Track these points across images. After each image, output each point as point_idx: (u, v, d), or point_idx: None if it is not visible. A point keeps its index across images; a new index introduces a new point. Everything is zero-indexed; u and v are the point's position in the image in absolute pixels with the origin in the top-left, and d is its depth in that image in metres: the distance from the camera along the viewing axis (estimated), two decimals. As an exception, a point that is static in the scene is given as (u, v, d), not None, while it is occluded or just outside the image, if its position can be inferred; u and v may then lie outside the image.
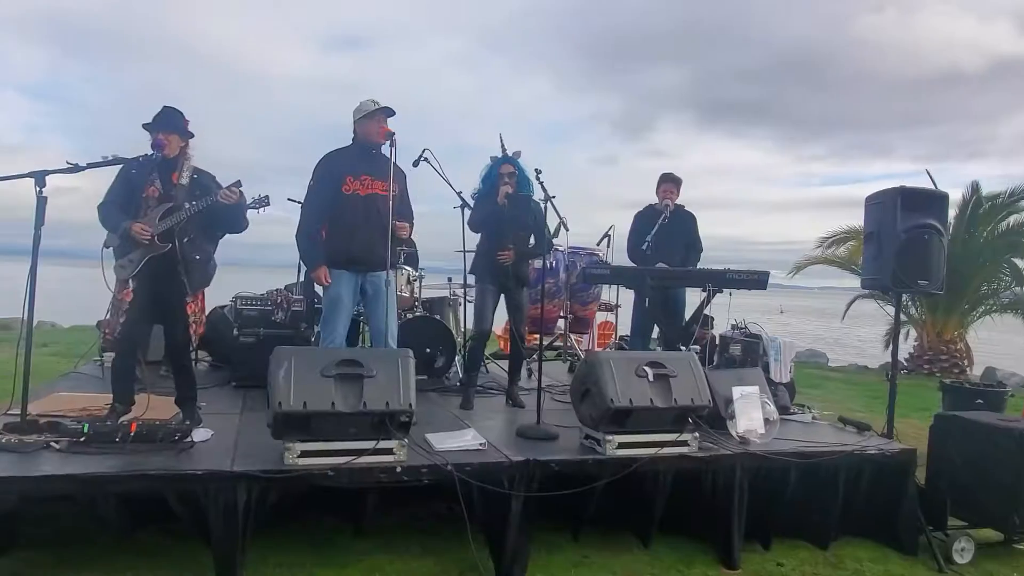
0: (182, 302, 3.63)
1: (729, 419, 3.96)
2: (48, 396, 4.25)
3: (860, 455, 3.84)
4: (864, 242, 4.43)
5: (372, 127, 4.08)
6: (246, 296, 5.18)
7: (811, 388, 9.20)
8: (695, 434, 3.61)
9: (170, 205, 3.55)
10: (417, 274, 5.57)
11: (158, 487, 2.86)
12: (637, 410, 3.46)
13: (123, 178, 3.58)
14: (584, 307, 6.75)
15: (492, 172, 4.69)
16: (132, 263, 3.54)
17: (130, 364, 3.71)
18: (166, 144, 3.55)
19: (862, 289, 4.52)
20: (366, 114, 4.09)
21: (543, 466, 3.31)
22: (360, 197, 3.99)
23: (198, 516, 2.89)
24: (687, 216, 5.65)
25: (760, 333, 5.81)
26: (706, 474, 3.58)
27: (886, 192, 4.24)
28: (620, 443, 3.47)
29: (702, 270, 5.06)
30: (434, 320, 5.40)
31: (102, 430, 3.22)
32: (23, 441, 3.13)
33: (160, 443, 3.20)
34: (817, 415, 4.72)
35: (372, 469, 3.09)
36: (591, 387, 3.55)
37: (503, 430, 4.01)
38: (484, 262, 4.76)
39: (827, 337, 22.90)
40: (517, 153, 4.72)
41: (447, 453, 3.35)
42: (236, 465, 3.01)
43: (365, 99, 4.18)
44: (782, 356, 5.65)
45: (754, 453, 3.66)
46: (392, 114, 4.10)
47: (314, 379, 3.05)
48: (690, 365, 3.67)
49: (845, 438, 4.15)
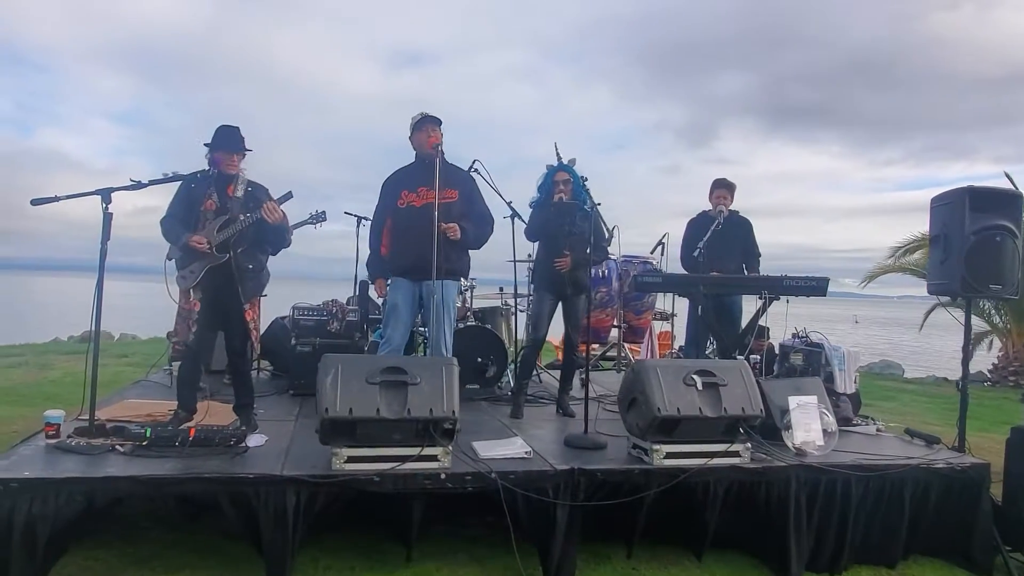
0: (239, 310, 3.77)
1: (785, 430, 3.83)
2: (119, 403, 4.48)
3: (927, 469, 3.65)
4: (930, 246, 4.22)
5: (422, 138, 4.18)
6: (303, 307, 5.33)
7: (884, 400, 8.80)
8: (747, 445, 3.51)
9: (226, 217, 3.70)
10: (469, 283, 5.61)
11: (212, 489, 2.96)
12: (685, 419, 3.39)
13: (183, 193, 3.76)
14: (638, 316, 6.65)
15: (547, 180, 4.70)
16: (193, 274, 3.70)
17: (195, 372, 3.87)
18: (222, 161, 3.70)
19: (928, 295, 4.29)
20: (414, 126, 4.18)
21: (588, 475, 3.27)
22: (415, 208, 4.07)
23: (250, 518, 2.97)
24: (742, 222, 5.52)
25: (822, 342, 5.61)
26: (759, 486, 3.47)
27: (953, 192, 4.05)
28: (668, 453, 3.40)
29: (757, 276, 4.93)
30: (486, 330, 5.43)
31: (163, 434, 3.37)
32: (90, 444, 3.30)
33: (216, 447, 3.33)
34: (883, 427, 4.51)
35: (417, 475, 3.12)
36: (638, 396, 3.49)
37: (552, 439, 3.99)
38: (542, 270, 4.77)
39: (904, 348, 21.90)
40: (572, 161, 4.72)
41: (492, 461, 3.35)
42: (286, 469, 3.09)
43: (415, 113, 4.27)
44: (846, 366, 5.42)
45: (810, 465, 3.53)
46: (439, 122, 4.16)
47: (360, 386, 3.10)
48: (741, 374, 3.58)
49: (912, 451, 3.95)
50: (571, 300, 4.64)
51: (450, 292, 4.06)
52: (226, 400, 4.20)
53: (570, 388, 4.89)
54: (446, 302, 4.03)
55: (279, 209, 3.69)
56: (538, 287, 4.83)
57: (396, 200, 4.15)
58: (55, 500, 2.80)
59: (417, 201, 4.05)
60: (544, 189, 4.70)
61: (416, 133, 4.23)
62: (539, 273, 4.81)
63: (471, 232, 4.14)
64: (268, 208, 3.65)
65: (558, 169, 4.68)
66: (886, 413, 7.60)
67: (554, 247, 4.63)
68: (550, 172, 4.70)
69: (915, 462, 3.67)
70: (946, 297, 4.17)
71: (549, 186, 4.64)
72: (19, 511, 2.75)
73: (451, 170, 4.14)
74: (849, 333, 33.67)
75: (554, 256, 4.55)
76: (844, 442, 4.05)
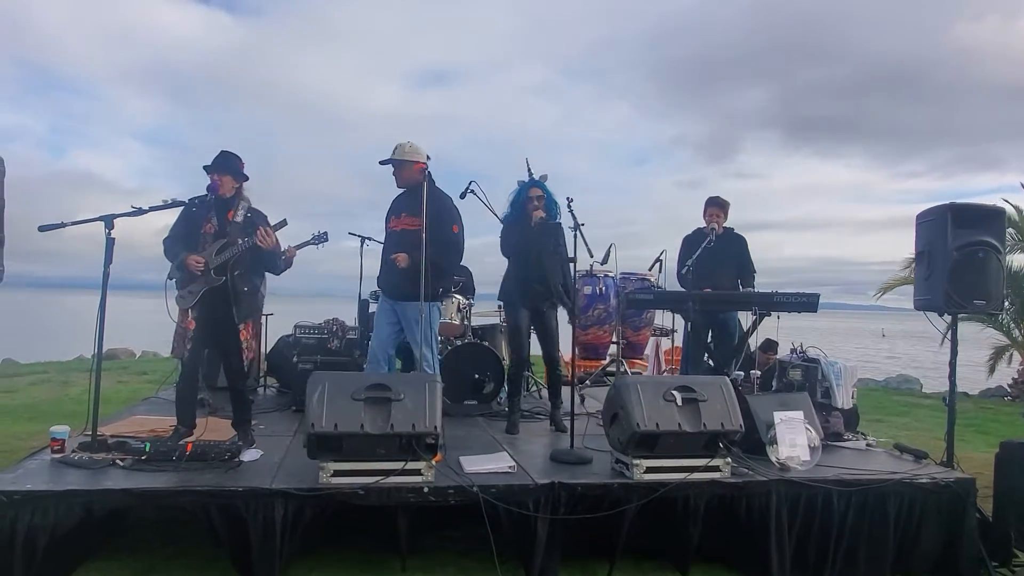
0: (235, 330, 3.92)
1: (769, 445, 3.88)
2: (128, 419, 4.66)
3: (910, 484, 3.67)
4: (916, 262, 4.26)
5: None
6: (305, 325, 5.49)
7: (897, 415, 8.72)
8: (727, 459, 3.56)
9: (224, 241, 3.86)
10: (467, 302, 5.73)
11: (203, 502, 3.09)
12: (664, 434, 3.46)
13: (184, 215, 3.93)
14: (636, 332, 6.71)
15: (520, 196, 4.76)
16: (192, 294, 3.86)
17: (191, 388, 4.02)
18: (220, 185, 3.87)
19: (915, 310, 4.31)
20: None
21: (568, 489, 3.35)
22: (395, 233, 4.23)
23: (240, 531, 3.09)
24: (736, 239, 5.57)
25: (818, 357, 5.63)
26: (740, 501, 3.52)
27: (936, 209, 4.08)
28: (648, 467, 3.47)
29: (747, 293, 4.98)
30: (482, 346, 5.53)
31: (161, 449, 3.52)
32: (92, 458, 3.46)
33: (211, 462, 3.47)
34: (873, 442, 4.53)
35: (401, 489, 3.23)
36: (619, 411, 3.57)
37: (540, 454, 4.06)
38: (513, 287, 4.82)
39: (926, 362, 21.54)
40: (544, 177, 4.79)
41: (475, 475, 3.44)
42: (276, 483, 3.22)
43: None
44: (843, 380, 5.44)
45: (791, 480, 3.57)
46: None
47: (345, 402, 3.23)
48: (721, 389, 3.64)
49: (899, 466, 3.97)
50: (545, 315, 4.72)
51: (409, 311, 4.27)
52: (229, 416, 4.34)
53: (560, 403, 4.93)
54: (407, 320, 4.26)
55: (272, 235, 3.85)
56: (510, 304, 4.87)
57: (388, 224, 4.34)
58: (54, 512, 2.95)
59: (396, 226, 4.25)
60: (517, 205, 4.76)
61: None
62: (510, 290, 4.85)
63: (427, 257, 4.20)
64: (261, 233, 3.81)
65: (531, 185, 4.74)
66: (896, 428, 7.53)
67: (527, 264, 4.67)
68: (523, 187, 4.76)
69: (898, 477, 3.69)
70: (930, 311, 4.18)
71: (522, 202, 4.71)
72: (21, 522, 2.90)
73: (431, 198, 4.26)
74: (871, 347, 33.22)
75: (527, 273, 4.59)
76: (832, 457, 4.08)
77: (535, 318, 4.75)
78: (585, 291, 6.51)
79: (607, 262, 6.04)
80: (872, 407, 9.27)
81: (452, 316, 5.65)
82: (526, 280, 4.69)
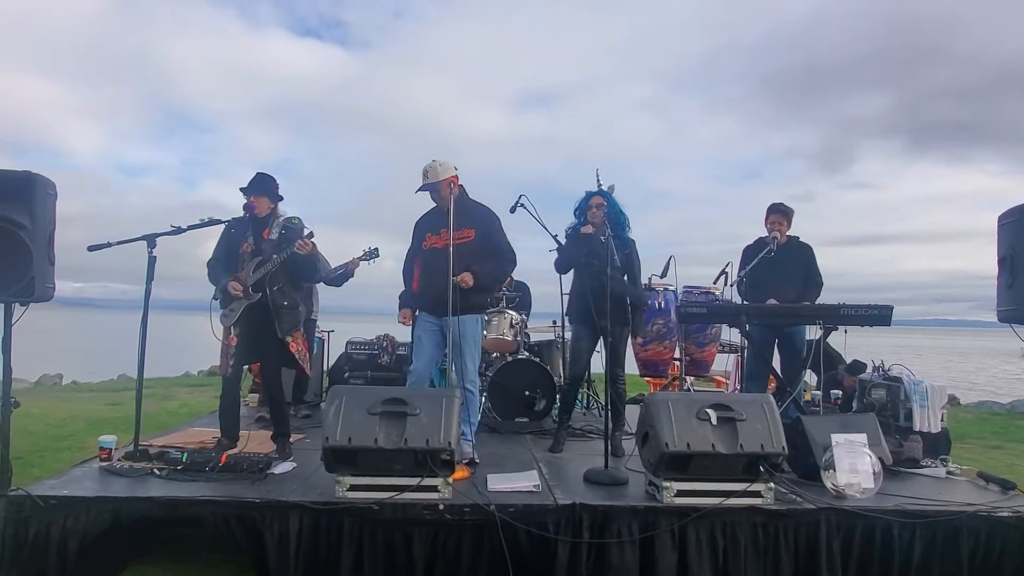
0: (276, 345, 4.01)
1: (824, 469, 3.55)
2: (186, 430, 4.86)
3: (988, 517, 3.25)
4: (998, 268, 3.79)
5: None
6: (357, 341, 5.56)
7: (1020, 442, 7.85)
8: (770, 485, 3.28)
9: (260, 259, 3.98)
10: (521, 318, 5.63)
11: (223, 512, 3.14)
12: (697, 456, 3.22)
13: (224, 238, 4.09)
14: (701, 348, 6.35)
15: (582, 205, 4.63)
16: (233, 312, 4.00)
17: (233, 403, 4.14)
18: (255, 206, 4.00)
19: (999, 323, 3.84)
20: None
21: (590, 510, 3.18)
22: (436, 249, 4.17)
23: (257, 542, 3.12)
24: (801, 248, 5.18)
25: (901, 376, 5.15)
26: (785, 531, 3.22)
27: (1017, 209, 3.63)
28: (680, 491, 3.24)
29: (810, 305, 4.61)
30: (534, 363, 5.41)
31: (197, 460, 3.63)
32: (133, 467, 3.61)
33: (241, 473, 3.53)
34: (956, 470, 4.06)
35: (416, 505, 3.16)
36: (648, 430, 3.37)
37: (578, 474, 3.89)
38: (576, 304, 4.68)
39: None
40: (611, 187, 4.65)
41: (497, 493, 3.33)
42: (295, 495, 3.23)
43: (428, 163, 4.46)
44: (929, 402, 4.96)
45: (843, 508, 3.24)
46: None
47: (361, 416, 3.21)
48: (763, 408, 3.36)
49: (979, 496, 3.53)
50: (609, 331, 4.48)
51: (467, 326, 4.10)
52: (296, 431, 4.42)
53: (622, 424, 4.70)
54: (464, 335, 4.07)
55: (309, 243, 3.93)
56: (574, 321, 4.74)
57: (422, 242, 4.29)
58: (85, 517, 3.08)
59: (438, 242, 4.17)
60: (579, 214, 4.64)
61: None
62: (574, 307, 4.71)
63: (485, 272, 4.13)
64: (299, 243, 3.90)
65: (594, 194, 4.61)
66: (1015, 456, 6.77)
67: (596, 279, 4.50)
68: (586, 197, 4.63)
69: (972, 509, 3.27)
70: (1016, 324, 3.70)
71: (584, 211, 4.59)
72: (55, 526, 3.05)
73: (470, 209, 4.20)
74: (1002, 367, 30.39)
75: (587, 287, 4.40)
76: (902, 485, 3.70)
77: (598, 334, 4.49)
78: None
79: (666, 275, 5.82)
80: (991, 432, 8.44)
81: (505, 332, 5.57)
82: (584, 295, 4.53)
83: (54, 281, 3.60)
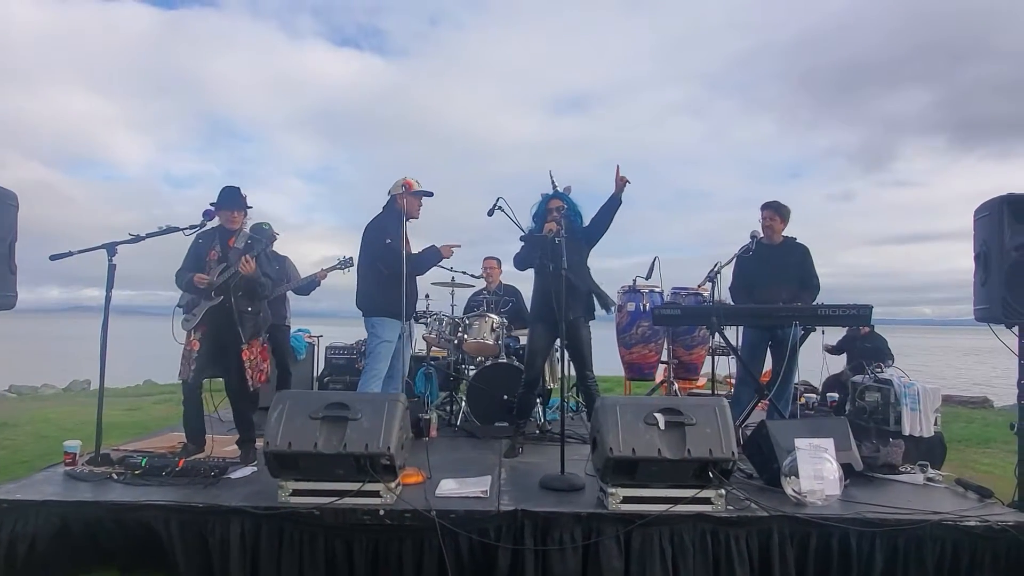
0: (237, 351, 4.04)
1: (784, 476, 3.42)
2: (166, 435, 4.92)
3: (954, 527, 3.09)
4: (974, 265, 3.63)
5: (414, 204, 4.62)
6: (337, 346, 5.57)
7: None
8: (720, 491, 3.17)
9: (225, 264, 4.03)
10: (502, 321, 5.57)
11: (166, 516, 3.15)
12: (643, 461, 3.14)
13: (193, 248, 4.17)
14: (689, 351, 6.20)
15: (541, 208, 4.58)
16: (195, 316, 4.06)
17: (196, 408, 4.18)
18: (233, 220, 4.15)
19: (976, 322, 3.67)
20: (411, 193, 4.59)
21: (532, 517, 3.11)
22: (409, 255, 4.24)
23: (201, 547, 3.13)
24: (797, 249, 5.00)
25: (891, 378, 4.96)
26: (736, 539, 3.11)
27: (991, 203, 3.48)
28: (626, 496, 3.16)
29: (788, 307, 4.44)
30: (511, 367, 5.34)
31: (156, 464, 3.67)
32: (94, 472, 3.66)
33: (197, 478, 3.56)
34: (936, 476, 3.88)
35: (357, 510, 3.13)
36: (596, 435, 3.30)
37: (537, 480, 3.83)
38: (537, 301, 4.62)
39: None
40: (567, 189, 4.59)
41: (441, 499, 3.29)
42: (241, 501, 3.24)
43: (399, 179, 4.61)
44: (920, 405, 4.77)
45: (796, 516, 3.12)
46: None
47: (302, 421, 3.20)
48: (715, 412, 3.25)
49: (951, 504, 3.37)
50: (571, 331, 4.40)
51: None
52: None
53: None
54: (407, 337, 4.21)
55: (251, 262, 4.02)
56: (531, 320, 4.68)
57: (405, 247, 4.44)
58: (34, 521, 3.13)
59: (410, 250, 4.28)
60: (538, 217, 4.58)
61: (410, 198, 4.58)
62: (534, 306, 4.65)
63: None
64: (242, 261, 4.00)
65: (552, 197, 4.55)
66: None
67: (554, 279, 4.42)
68: (544, 200, 4.57)
69: (938, 518, 3.12)
70: (990, 323, 3.54)
71: (543, 214, 4.52)
72: (4, 529, 3.11)
73: None
74: None
75: (548, 288, 4.33)
76: (874, 492, 3.57)
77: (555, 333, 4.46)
78: (628, 308, 6.13)
79: (651, 277, 5.71)
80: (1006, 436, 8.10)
81: (486, 336, 5.53)
82: (542, 293, 4.48)
83: (16, 289, 3.70)
